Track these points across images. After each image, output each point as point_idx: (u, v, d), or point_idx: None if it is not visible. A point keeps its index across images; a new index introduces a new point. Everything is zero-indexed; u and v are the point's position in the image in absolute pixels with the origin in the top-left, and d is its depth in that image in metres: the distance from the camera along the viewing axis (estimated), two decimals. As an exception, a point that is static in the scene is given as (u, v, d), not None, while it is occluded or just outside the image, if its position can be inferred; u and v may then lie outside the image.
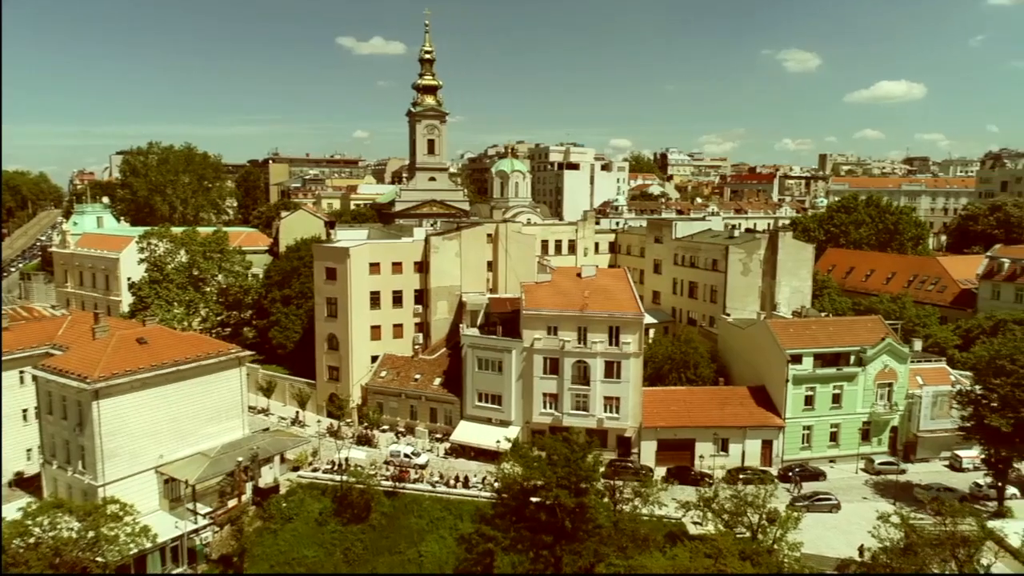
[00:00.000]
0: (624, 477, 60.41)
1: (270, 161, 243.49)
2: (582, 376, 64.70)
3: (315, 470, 62.80)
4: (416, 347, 76.99)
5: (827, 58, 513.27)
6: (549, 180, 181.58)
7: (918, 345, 72.43)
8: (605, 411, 64.91)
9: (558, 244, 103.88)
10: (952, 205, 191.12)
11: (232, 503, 56.10)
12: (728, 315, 78.40)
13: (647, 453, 65.21)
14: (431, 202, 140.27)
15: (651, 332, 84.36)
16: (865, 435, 67.88)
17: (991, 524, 53.33)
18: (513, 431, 65.92)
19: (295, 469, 62.88)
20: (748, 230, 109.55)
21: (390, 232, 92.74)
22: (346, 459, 62.43)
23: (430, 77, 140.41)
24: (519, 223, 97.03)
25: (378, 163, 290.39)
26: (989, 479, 60.27)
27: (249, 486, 57.53)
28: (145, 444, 53.50)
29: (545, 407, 66.05)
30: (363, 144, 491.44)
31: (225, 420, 58.96)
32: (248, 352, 63.18)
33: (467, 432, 67.03)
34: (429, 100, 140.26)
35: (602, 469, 60.70)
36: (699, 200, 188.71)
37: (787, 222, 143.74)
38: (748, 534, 46.80)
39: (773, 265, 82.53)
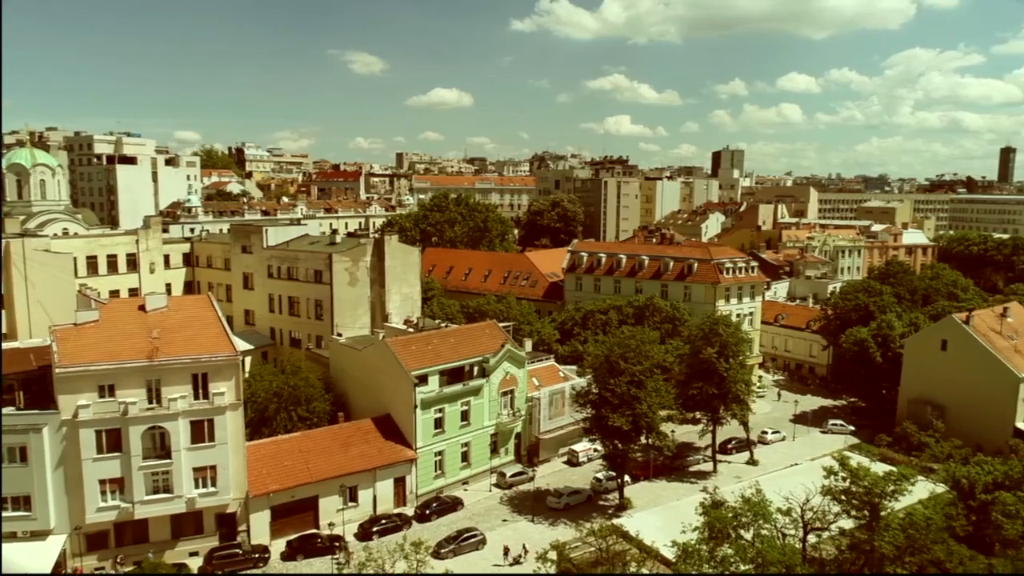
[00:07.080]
0: (231, 569, 46.83)
1: None
2: (159, 447, 47.32)
3: None
4: None
5: (390, 63, 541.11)
6: (97, 178, 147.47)
7: (529, 345, 72.33)
8: (197, 487, 48.66)
9: (112, 261, 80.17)
10: (517, 201, 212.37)
11: None
12: (340, 335, 68.19)
13: (259, 527, 51.11)
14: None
15: (247, 361, 69.42)
16: (494, 447, 64.74)
17: (617, 521, 53.83)
18: (55, 544, 45.49)
19: None
20: (351, 234, 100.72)
21: None
22: None
23: None
24: (46, 236, 71.69)
25: None
26: (607, 473, 61.80)
27: None
28: None
29: (106, 499, 46.81)
30: None
31: None
32: None
33: (-26, 562, 43.96)
34: None
35: (199, 564, 46.57)
36: (285, 199, 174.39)
37: (380, 221, 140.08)
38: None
39: (381, 272, 75.30)
